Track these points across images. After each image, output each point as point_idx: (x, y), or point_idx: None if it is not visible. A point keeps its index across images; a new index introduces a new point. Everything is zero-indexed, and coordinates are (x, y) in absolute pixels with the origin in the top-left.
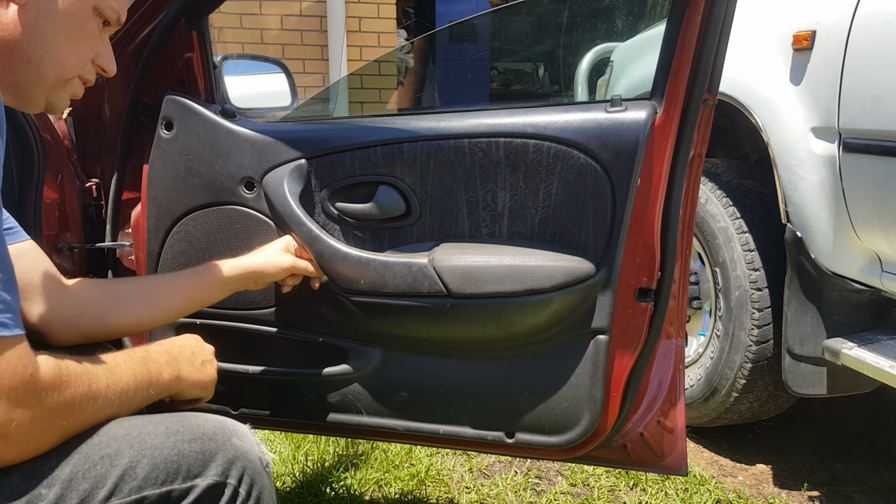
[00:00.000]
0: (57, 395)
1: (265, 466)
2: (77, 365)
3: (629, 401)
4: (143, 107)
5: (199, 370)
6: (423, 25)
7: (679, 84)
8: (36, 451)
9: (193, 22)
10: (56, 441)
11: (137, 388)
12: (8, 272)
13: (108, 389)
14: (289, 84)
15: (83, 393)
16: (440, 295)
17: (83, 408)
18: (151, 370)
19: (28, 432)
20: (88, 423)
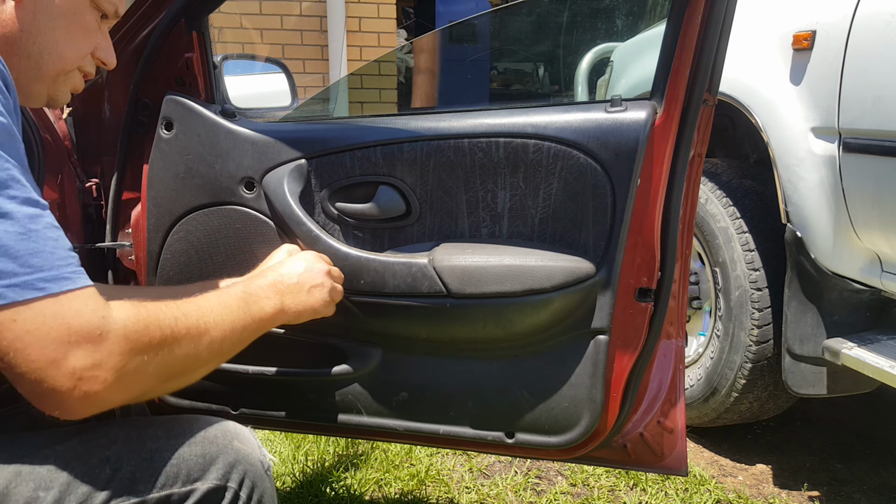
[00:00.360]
0: (142, 340)
1: (266, 469)
2: (160, 308)
3: (629, 401)
4: (143, 107)
5: (304, 299)
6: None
7: (679, 84)
8: (138, 395)
9: (193, 22)
10: (162, 384)
11: (235, 327)
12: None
13: (200, 331)
14: (289, 84)
15: (170, 336)
16: (440, 295)
17: (174, 351)
18: (252, 307)
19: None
20: (191, 367)
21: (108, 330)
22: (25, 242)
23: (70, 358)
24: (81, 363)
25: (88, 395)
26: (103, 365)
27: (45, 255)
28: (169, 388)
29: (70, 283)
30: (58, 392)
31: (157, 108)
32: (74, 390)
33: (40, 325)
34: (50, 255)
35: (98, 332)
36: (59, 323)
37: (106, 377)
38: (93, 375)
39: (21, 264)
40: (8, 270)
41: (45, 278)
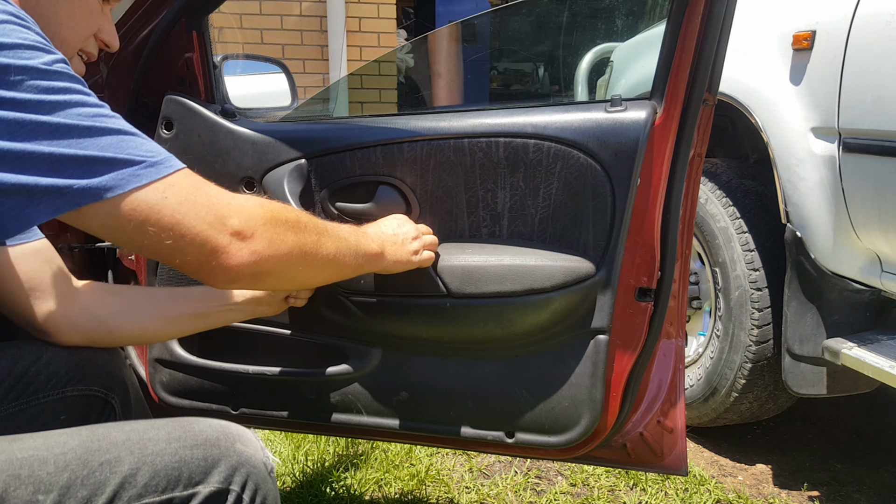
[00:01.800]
0: (274, 210)
1: (270, 472)
2: (285, 206)
3: (629, 400)
4: (143, 107)
5: (399, 250)
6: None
7: (679, 84)
8: (279, 258)
9: (193, 22)
10: (295, 266)
11: (348, 248)
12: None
13: (320, 229)
14: (289, 84)
15: (297, 219)
16: (440, 295)
17: (303, 232)
18: (360, 242)
19: (262, 235)
20: (314, 260)
21: (240, 198)
22: (136, 138)
23: (227, 218)
24: (236, 222)
25: (254, 251)
26: (253, 223)
27: (150, 144)
28: (299, 279)
29: (178, 161)
30: (226, 250)
31: (157, 107)
32: (241, 246)
33: (186, 197)
34: (152, 143)
35: (233, 198)
36: (200, 192)
37: (260, 234)
38: (250, 230)
39: (143, 153)
40: (136, 159)
41: (167, 158)
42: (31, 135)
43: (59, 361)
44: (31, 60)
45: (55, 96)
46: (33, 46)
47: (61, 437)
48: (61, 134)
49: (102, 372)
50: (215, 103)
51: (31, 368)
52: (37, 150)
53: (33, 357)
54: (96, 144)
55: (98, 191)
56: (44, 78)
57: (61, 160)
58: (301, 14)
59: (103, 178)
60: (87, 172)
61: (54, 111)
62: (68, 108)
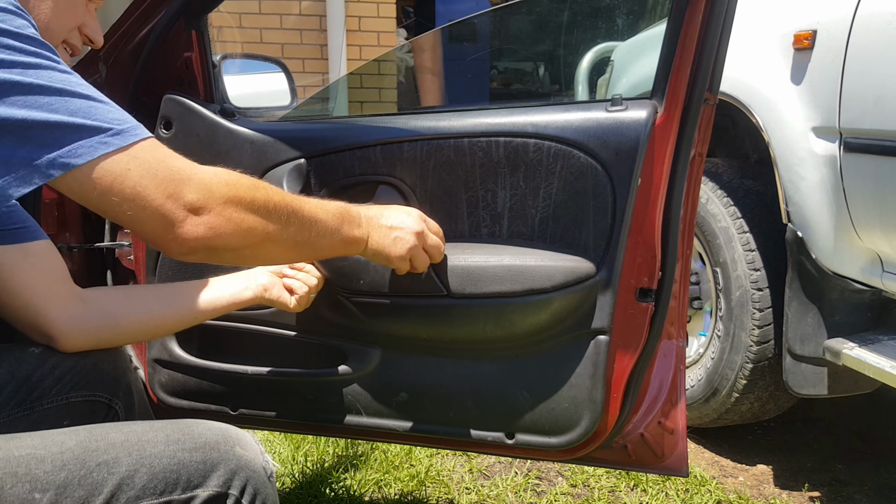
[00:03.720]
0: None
1: (269, 476)
2: (253, 179)
3: (630, 401)
4: (142, 106)
5: (386, 243)
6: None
7: (680, 83)
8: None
9: (192, 21)
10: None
11: (325, 232)
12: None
13: (290, 204)
14: (288, 83)
15: (262, 192)
16: (440, 295)
17: (267, 205)
18: (343, 223)
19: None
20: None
21: (203, 171)
22: (105, 105)
23: (184, 193)
24: (193, 196)
25: (208, 225)
26: (211, 199)
27: (119, 112)
28: (262, 258)
29: (146, 131)
30: (180, 224)
31: (156, 107)
32: (195, 221)
33: (148, 170)
34: (121, 112)
35: (195, 172)
36: (162, 165)
37: (218, 210)
38: (206, 206)
39: (111, 120)
40: (104, 126)
41: (133, 126)
42: (3, 94)
43: (65, 367)
44: (4, 23)
45: (28, 58)
46: (6, 10)
47: (59, 436)
48: (34, 94)
49: (107, 377)
50: (214, 103)
51: (35, 373)
52: (11, 116)
53: (37, 362)
54: (67, 107)
55: (67, 159)
56: (17, 39)
57: (33, 126)
58: (300, 13)
59: (73, 145)
60: (57, 140)
61: (27, 71)
62: (40, 69)
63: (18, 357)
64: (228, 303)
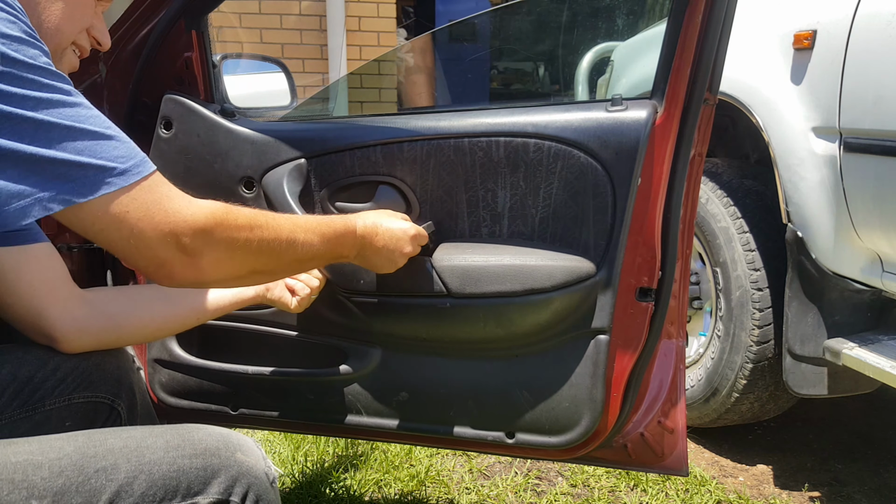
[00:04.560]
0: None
1: (271, 482)
2: (249, 212)
3: (630, 401)
4: (142, 106)
5: (375, 261)
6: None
7: (680, 83)
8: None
9: (193, 21)
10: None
11: (315, 256)
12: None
13: (288, 242)
14: (288, 83)
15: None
16: (440, 295)
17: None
18: (335, 246)
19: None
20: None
21: (198, 212)
22: (111, 141)
23: (177, 235)
24: (186, 240)
25: (199, 267)
26: (204, 240)
27: (123, 146)
28: (256, 279)
29: (149, 165)
30: (173, 263)
31: (157, 107)
32: (187, 262)
33: (146, 213)
34: (126, 145)
35: (191, 213)
36: (159, 208)
37: (208, 251)
38: (197, 248)
39: (115, 158)
40: (108, 165)
41: (136, 164)
42: (15, 130)
43: (67, 367)
44: (17, 53)
45: (39, 93)
46: (20, 39)
47: (57, 441)
48: (43, 131)
49: (110, 378)
50: (214, 103)
51: (37, 374)
52: (19, 150)
53: (39, 362)
54: (74, 145)
55: (69, 196)
56: (30, 71)
57: (40, 161)
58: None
59: (76, 183)
60: (61, 176)
61: (38, 107)
62: (51, 106)
63: (20, 358)
64: (231, 302)
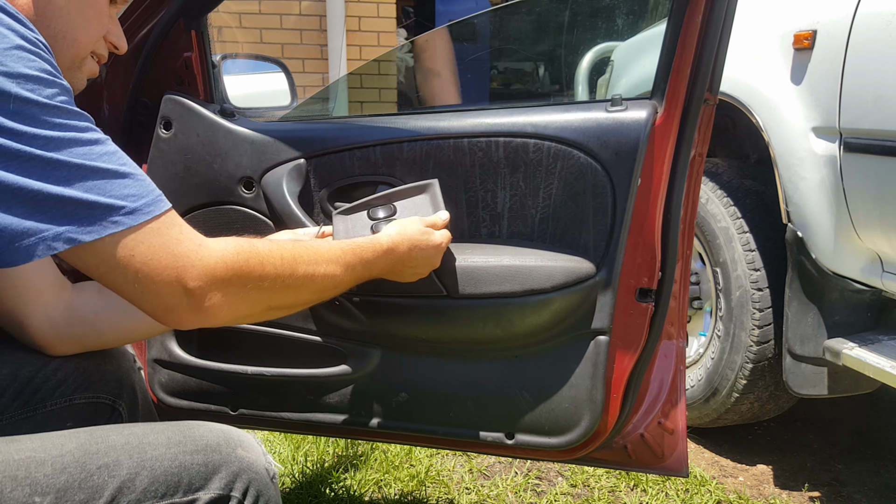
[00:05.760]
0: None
1: (272, 477)
2: (265, 249)
3: (630, 402)
4: (142, 106)
5: (401, 276)
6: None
7: (680, 83)
8: (234, 316)
9: (192, 21)
10: (252, 312)
11: (338, 286)
12: (129, 159)
13: (306, 277)
14: (288, 83)
15: (269, 266)
16: (440, 295)
17: (273, 281)
18: (363, 271)
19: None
20: (291, 300)
21: (208, 255)
22: (122, 180)
23: (184, 280)
24: (193, 284)
25: (205, 310)
26: (211, 285)
27: (136, 184)
28: (272, 315)
29: (163, 204)
30: (178, 308)
31: (156, 107)
32: (192, 305)
33: (153, 255)
34: (139, 182)
35: (199, 257)
36: (167, 251)
37: (216, 296)
38: (204, 293)
39: (125, 196)
40: (117, 204)
41: (146, 204)
42: (24, 168)
43: (68, 368)
44: (32, 93)
45: (51, 132)
46: (38, 78)
47: (59, 439)
48: (52, 169)
49: (111, 378)
50: (214, 103)
51: (38, 375)
52: (26, 187)
53: (40, 363)
54: (83, 183)
55: (75, 235)
56: (43, 111)
57: (47, 199)
58: (300, 13)
59: (82, 222)
60: (67, 215)
61: (48, 146)
62: (62, 144)
63: (21, 358)
64: None
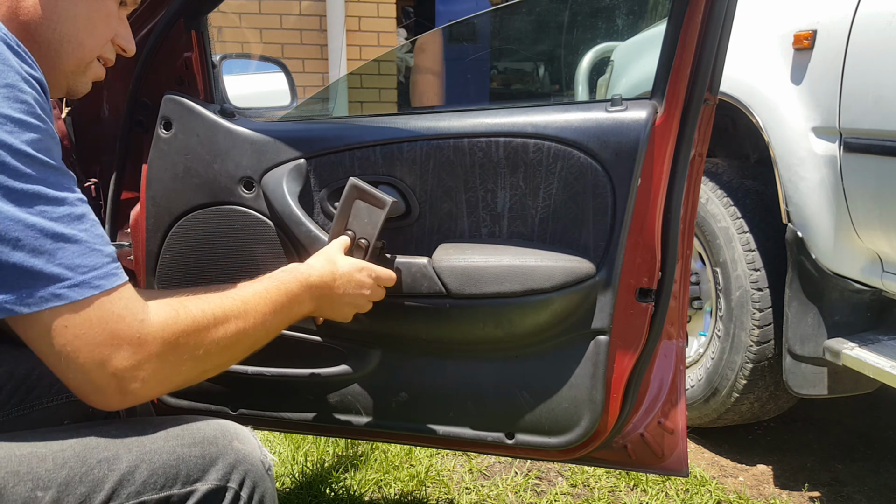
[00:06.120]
0: (179, 341)
1: (268, 469)
2: (200, 307)
3: (630, 401)
4: (142, 106)
5: (335, 310)
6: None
7: (680, 83)
8: (176, 388)
9: (192, 21)
10: (199, 376)
11: (270, 327)
12: (97, 226)
13: (238, 329)
14: (288, 83)
15: (207, 335)
16: (440, 295)
17: (210, 348)
18: (291, 310)
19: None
20: (226, 361)
21: (147, 333)
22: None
23: (113, 360)
24: (123, 364)
25: (129, 392)
26: (143, 366)
27: (89, 252)
28: (205, 378)
29: (115, 278)
30: (102, 390)
31: (156, 107)
32: (117, 388)
33: (87, 330)
34: (94, 250)
35: (137, 335)
36: (104, 328)
37: (145, 376)
38: (133, 375)
39: (73, 267)
40: (63, 274)
41: (94, 278)
42: None
43: None
44: (10, 136)
45: (18, 183)
46: (20, 121)
47: (60, 434)
48: (3, 227)
49: None
50: (214, 103)
51: (34, 372)
52: None
53: (36, 360)
54: (33, 248)
55: (11, 306)
56: (15, 157)
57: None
58: (300, 13)
59: (21, 294)
60: (8, 283)
61: (9, 196)
62: (24, 199)
63: (17, 356)
64: None
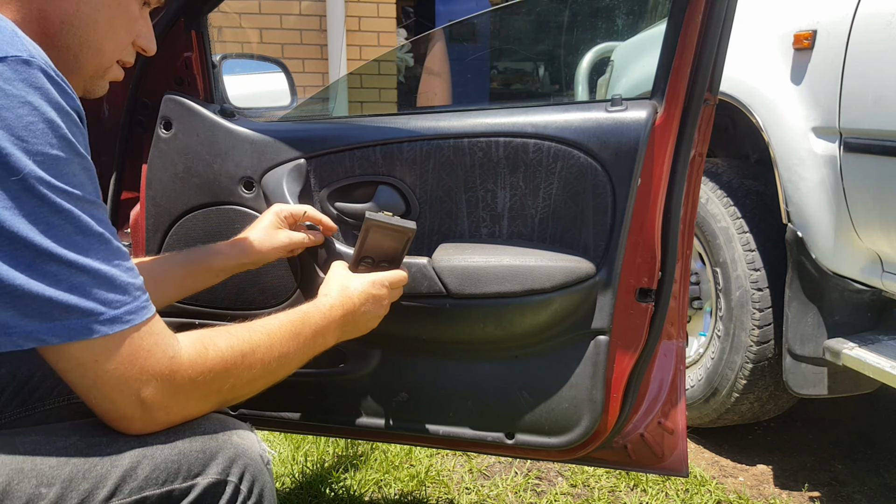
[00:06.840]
0: (207, 378)
1: (266, 463)
2: (229, 342)
3: (630, 401)
4: (142, 106)
5: (358, 331)
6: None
7: (680, 83)
8: (187, 419)
9: (192, 21)
10: (221, 406)
11: (295, 365)
12: (128, 259)
13: (266, 366)
14: (288, 83)
15: (234, 372)
16: (440, 295)
17: (236, 383)
18: (318, 341)
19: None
20: (249, 393)
21: (175, 370)
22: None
23: (141, 393)
24: (150, 397)
25: (153, 421)
26: (170, 400)
27: (120, 288)
28: (227, 406)
29: (145, 311)
30: (128, 418)
31: (156, 107)
32: (142, 417)
33: (117, 365)
34: (124, 284)
35: (167, 371)
36: (134, 364)
37: (171, 408)
38: (159, 406)
39: (105, 301)
40: (95, 309)
41: (125, 313)
42: (13, 256)
43: None
44: (48, 173)
45: (56, 219)
46: (57, 158)
47: (62, 430)
48: (41, 262)
49: None
50: (214, 103)
51: (36, 373)
52: (7, 280)
53: (38, 361)
54: (68, 283)
55: (44, 336)
56: (54, 193)
57: (25, 295)
58: (300, 13)
59: (55, 325)
60: (40, 314)
61: (48, 234)
62: (64, 236)
63: (19, 357)
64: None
